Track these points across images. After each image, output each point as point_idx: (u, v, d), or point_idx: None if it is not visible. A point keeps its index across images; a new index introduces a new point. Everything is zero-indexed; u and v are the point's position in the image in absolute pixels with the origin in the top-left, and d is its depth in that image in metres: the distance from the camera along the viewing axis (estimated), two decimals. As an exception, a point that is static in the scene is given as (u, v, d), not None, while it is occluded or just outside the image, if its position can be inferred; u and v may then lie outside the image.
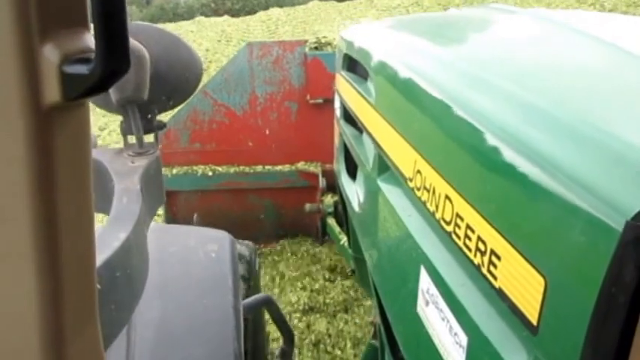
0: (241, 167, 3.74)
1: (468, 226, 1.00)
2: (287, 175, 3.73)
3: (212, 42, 10.56)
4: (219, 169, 3.72)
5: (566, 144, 0.83)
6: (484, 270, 0.93)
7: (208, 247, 1.61)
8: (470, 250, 0.99)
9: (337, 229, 3.18)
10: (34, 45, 0.44)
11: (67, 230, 0.50)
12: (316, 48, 3.62)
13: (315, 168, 3.69)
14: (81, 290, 0.54)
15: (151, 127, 1.20)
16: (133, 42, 1.09)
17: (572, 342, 0.71)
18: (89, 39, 0.48)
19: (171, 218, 3.64)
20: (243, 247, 1.99)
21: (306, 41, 3.67)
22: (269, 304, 1.77)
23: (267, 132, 3.75)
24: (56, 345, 0.51)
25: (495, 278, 0.90)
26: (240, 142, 3.74)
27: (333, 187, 3.28)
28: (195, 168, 3.69)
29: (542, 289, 0.78)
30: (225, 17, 13.67)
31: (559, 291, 0.76)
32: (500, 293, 0.88)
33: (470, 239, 0.99)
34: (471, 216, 0.99)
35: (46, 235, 0.48)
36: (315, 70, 3.54)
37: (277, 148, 3.75)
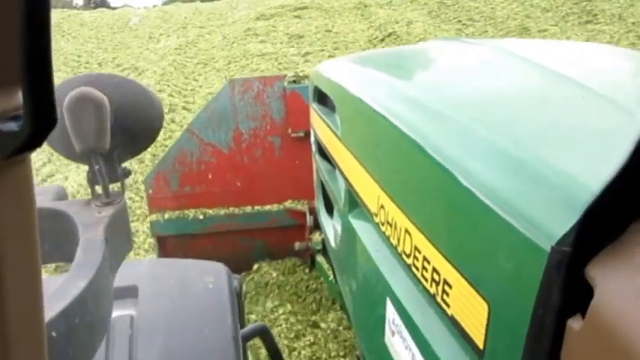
0: (231, 209, 3.81)
1: (424, 258, 1.06)
2: (275, 214, 3.79)
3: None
4: (210, 211, 3.79)
5: (504, 175, 0.90)
6: (439, 299, 0.98)
7: (205, 279, 1.64)
8: (427, 280, 1.04)
9: (326, 265, 3.23)
10: None
11: (12, 290, 0.50)
12: (294, 82, 3.74)
13: (302, 206, 3.76)
14: (30, 350, 0.54)
15: (116, 175, 1.24)
16: (93, 91, 1.13)
17: None
18: (18, 97, 0.48)
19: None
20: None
21: (285, 76, 3.81)
22: (264, 333, 1.79)
23: (254, 171, 3.83)
24: None
25: (448, 306, 0.95)
26: (228, 183, 3.81)
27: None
28: (186, 212, 3.76)
29: (486, 314, 0.84)
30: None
31: (500, 315, 0.81)
32: (452, 320, 0.93)
33: (426, 270, 1.04)
34: (427, 248, 1.04)
35: None
36: (294, 103, 3.66)
37: (265, 187, 3.82)
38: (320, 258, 3.42)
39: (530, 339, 0.73)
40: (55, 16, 16.72)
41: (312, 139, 2.34)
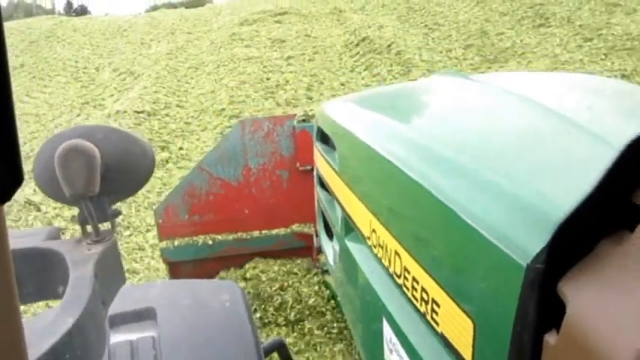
0: (239, 234, 3.89)
1: (414, 278, 1.11)
2: (283, 237, 3.87)
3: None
4: (219, 237, 3.87)
5: (484, 197, 0.95)
6: (429, 317, 1.03)
7: (221, 298, 1.67)
8: (417, 299, 1.09)
9: (334, 284, 3.27)
10: None
11: None
12: (304, 120, 3.86)
13: (309, 229, 3.83)
14: None
15: (105, 216, 1.30)
16: (84, 143, 1.20)
17: None
18: None
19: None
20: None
21: (294, 115, 3.93)
22: (282, 347, 1.82)
23: (261, 199, 3.92)
24: None
25: (437, 324, 1.00)
26: (236, 211, 3.90)
27: None
28: (195, 238, 3.84)
29: (472, 331, 0.88)
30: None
31: (485, 332, 0.86)
32: (442, 337, 0.98)
33: (416, 290, 1.09)
34: (415, 269, 1.09)
35: None
36: (303, 140, 3.76)
37: (272, 214, 3.90)
38: (328, 278, 3.47)
39: (511, 354, 0.78)
40: (47, 22, 17.28)
41: (315, 173, 2.44)
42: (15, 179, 0.48)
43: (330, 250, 2.08)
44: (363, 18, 12.84)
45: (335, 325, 3.48)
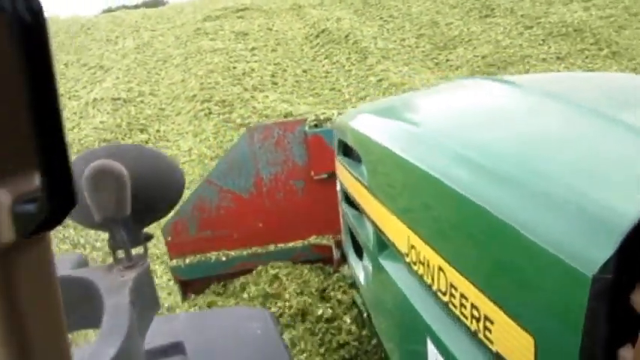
0: (254, 248, 3.79)
1: (462, 295, 1.06)
2: (300, 250, 3.74)
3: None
4: (232, 253, 3.76)
5: (540, 207, 0.91)
6: (481, 335, 0.98)
7: (252, 325, 1.62)
8: (466, 317, 1.04)
9: (360, 299, 3.16)
10: None
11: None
12: (316, 125, 3.74)
13: (327, 241, 3.71)
14: None
15: (137, 240, 1.26)
16: (111, 163, 1.18)
17: None
18: (37, 179, 0.50)
19: (190, 305, 3.67)
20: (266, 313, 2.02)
21: (305, 119, 3.80)
22: None
23: (275, 211, 3.81)
24: None
25: (492, 342, 0.95)
26: (249, 225, 3.79)
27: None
28: (208, 255, 3.74)
29: (532, 348, 0.83)
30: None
31: (547, 348, 0.81)
32: (498, 356, 0.93)
33: (465, 307, 1.04)
34: (464, 285, 1.05)
35: None
36: (316, 147, 3.63)
37: (287, 226, 3.79)
38: (354, 292, 3.35)
39: None
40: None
41: (339, 188, 2.38)
42: (68, 201, 0.47)
43: (360, 269, 2.03)
44: (321, 12, 13.51)
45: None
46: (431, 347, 1.20)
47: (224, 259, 3.72)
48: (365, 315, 2.92)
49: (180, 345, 1.44)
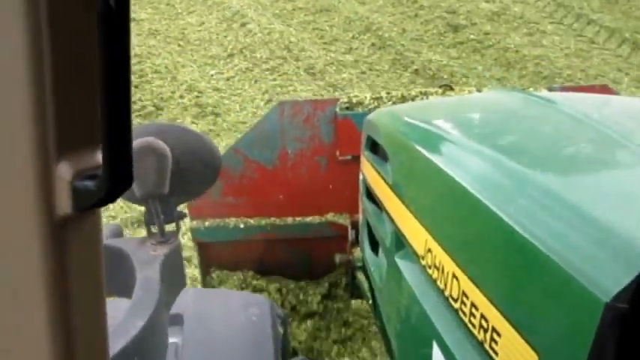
0: (272, 219, 3.84)
1: (472, 304, 1.07)
2: (317, 226, 3.79)
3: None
4: (251, 221, 3.83)
5: (557, 228, 0.91)
6: (487, 346, 0.99)
7: (250, 311, 1.67)
8: (475, 326, 1.05)
9: (366, 285, 3.18)
10: (51, 163, 0.48)
11: (81, 330, 0.53)
12: (347, 108, 3.76)
13: (344, 220, 3.75)
14: None
15: (171, 217, 1.30)
16: (155, 141, 1.21)
17: None
18: (99, 156, 0.52)
19: (205, 266, 3.75)
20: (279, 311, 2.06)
21: (337, 100, 3.82)
22: None
23: (297, 185, 3.85)
24: None
25: (497, 354, 0.96)
26: (271, 195, 3.85)
27: None
28: (227, 220, 3.81)
29: None
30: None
31: None
32: None
33: (474, 316, 1.06)
34: (475, 294, 1.06)
35: (60, 336, 0.51)
36: (345, 129, 3.65)
37: (307, 201, 3.83)
38: (361, 276, 3.37)
39: None
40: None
41: (361, 182, 2.39)
42: (126, 181, 0.49)
43: (375, 265, 2.04)
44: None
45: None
46: (436, 350, 1.22)
47: (242, 226, 3.78)
48: (369, 302, 2.94)
49: (179, 317, 1.49)
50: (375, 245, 2.12)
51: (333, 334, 3.81)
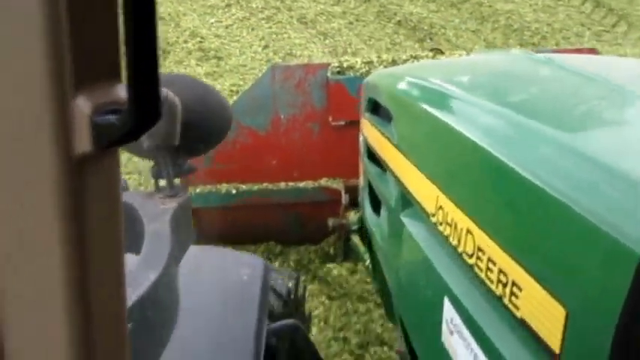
0: (264, 184, 3.81)
1: (489, 259, 1.05)
2: (310, 191, 3.78)
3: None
4: (243, 186, 3.79)
5: (586, 178, 0.89)
6: (506, 300, 0.98)
7: (241, 271, 1.65)
8: (492, 281, 1.04)
9: (362, 248, 3.17)
10: (68, 96, 0.45)
11: (98, 274, 0.51)
12: (339, 72, 3.70)
13: (337, 185, 3.74)
14: (111, 333, 0.54)
15: (180, 171, 1.26)
16: (166, 92, 1.15)
17: None
18: (120, 90, 0.49)
19: (196, 231, 3.74)
20: (286, 275, 2.05)
21: (329, 64, 3.76)
22: (295, 331, 1.74)
23: (290, 151, 3.81)
24: None
25: (517, 308, 0.95)
26: (263, 161, 3.81)
27: (356, 202, 3.31)
28: (218, 187, 3.77)
29: (563, 319, 0.83)
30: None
31: (580, 320, 0.80)
32: (522, 323, 0.92)
33: (491, 271, 1.04)
34: (492, 249, 1.04)
35: (77, 279, 0.49)
36: (337, 94, 3.62)
37: (300, 166, 3.81)
38: (356, 239, 3.36)
39: (615, 347, 0.72)
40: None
41: (361, 143, 2.36)
42: (154, 114, 0.45)
43: (376, 225, 2.03)
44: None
45: None
46: (447, 306, 1.21)
47: (234, 191, 3.76)
48: (367, 263, 2.94)
49: None
50: (376, 206, 2.10)
51: None
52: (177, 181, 1.25)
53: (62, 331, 0.49)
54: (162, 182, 1.23)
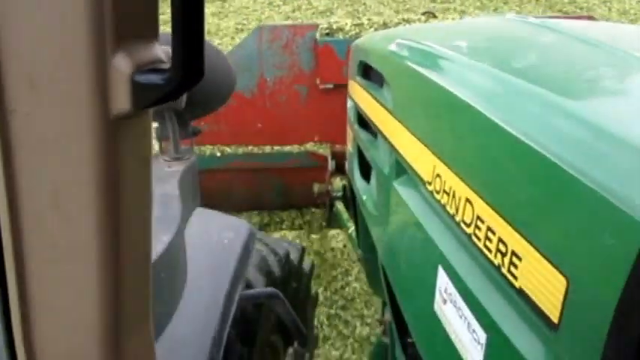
0: (250, 147, 3.75)
1: (488, 228, 1.04)
2: (296, 156, 3.74)
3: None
4: (228, 149, 3.73)
5: (590, 146, 0.87)
6: (504, 270, 0.97)
7: (224, 234, 1.63)
8: (490, 251, 1.03)
9: (346, 215, 3.15)
10: (107, 54, 0.45)
11: (128, 230, 0.52)
12: (328, 34, 3.62)
13: (324, 150, 3.70)
14: (138, 293, 0.56)
15: (186, 133, 1.24)
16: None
17: (594, 338, 0.75)
18: (159, 50, 0.50)
19: None
20: (288, 245, 2.03)
21: (317, 26, 3.67)
22: (273, 298, 1.72)
23: (276, 114, 3.75)
24: (114, 341, 0.53)
25: (516, 278, 0.94)
26: (248, 124, 3.74)
27: (342, 169, 3.27)
28: (202, 148, 3.71)
29: (563, 289, 0.82)
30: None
31: (582, 290, 0.80)
32: (521, 292, 0.92)
33: (490, 241, 1.03)
34: (492, 218, 1.03)
35: (109, 239, 0.50)
36: (326, 57, 3.54)
37: (286, 130, 3.75)
38: (340, 206, 3.34)
39: (617, 316, 0.72)
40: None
41: (350, 108, 2.31)
42: (198, 73, 0.45)
43: (366, 193, 2.01)
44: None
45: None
46: (441, 275, 1.20)
47: (219, 154, 3.70)
48: (350, 230, 2.94)
49: None
50: (366, 173, 2.07)
51: None
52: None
53: (91, 293, 0.50)
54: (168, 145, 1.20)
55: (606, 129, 0.87)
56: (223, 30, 7.62)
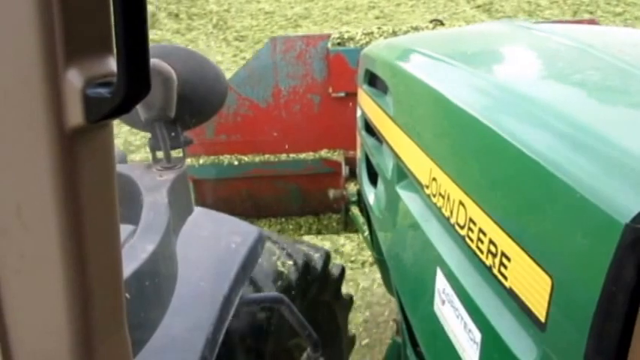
0: (266, 156, 3.83)
1: (480, 230, 1.06)
2: (311, 162, 3.80)
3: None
4: (245, 158, 3.82)
5: (571, 151, 0.89)
6: (495, 271, 1.00)
7: (232, 238, 1.64)
8: (482, 252, 1.05)
9: (361, 219, 3.19)
10: (59, 70, 0.45)
11: (93, 244, 0.52)
12: (339, 44, 3.68)
13: (337, 156, 3.76)
14: (109, 299, 0.56)
15: (177, 143, 1.26)
16: (161, 63, 1.14)
17: (577, 337, 0.77)
18: (112, 63, 0.49)
19: (200, 203, 3.78)
20: (310, 250, 2.04)
21: (329, 36, 3.74)
22: (279, 303, 1.71)
23: (291, 123, 3.82)
24: (85, 350, 0.53)
25: (506, 278, 0.96)
26: (264, 133, 3.82)
27: (356, 174, 3.33)
28: (221, 158, 3.79)
29: (549, 288, 0.84)
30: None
31: (565, 290, 0.82)
32: (511, 292, 0.94)
33: (482, 242, 1.05)
34: (483, 220, 1.05)
35: (73, 249, 0.50)
36: (337, 65, 3.60)
37: (300, 138, 3.82)
38: (355, 210, 3.39)
39: (599, 315, 0.74)
40: None
41: (359, 115, 2.35)
42: (144, 87, 0.45)
43: (373, 197, 2.04)
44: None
45: None
46: (440, 276, 1.22)
47: (236, 163, 3.79)
48: (364, 234, 2.97)
49: None
50: (373, 178, 2.11)
51: None
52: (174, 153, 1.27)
53: (59, 301, 0.50)
54: (160, 155, 1.24)
55: (591, 134, 0.89)
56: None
